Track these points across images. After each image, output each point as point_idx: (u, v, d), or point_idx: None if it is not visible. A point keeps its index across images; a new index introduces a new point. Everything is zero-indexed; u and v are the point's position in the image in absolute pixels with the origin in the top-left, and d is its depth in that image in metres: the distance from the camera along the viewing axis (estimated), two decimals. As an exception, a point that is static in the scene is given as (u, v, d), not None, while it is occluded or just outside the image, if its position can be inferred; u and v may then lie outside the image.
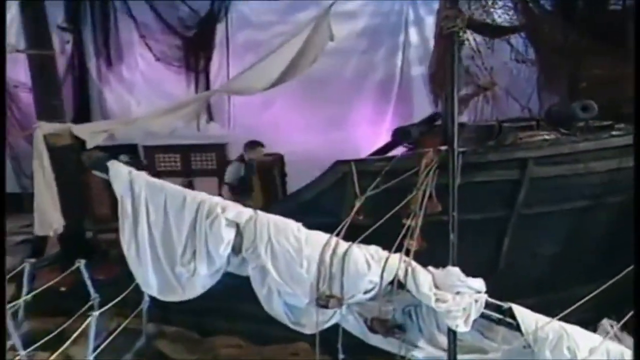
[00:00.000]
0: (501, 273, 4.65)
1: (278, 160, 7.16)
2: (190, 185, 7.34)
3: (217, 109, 8.43)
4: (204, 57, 8.43)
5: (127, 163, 3.97)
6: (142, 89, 8.63)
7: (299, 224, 3.62)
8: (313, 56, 5.10)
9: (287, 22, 7.75)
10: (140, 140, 7.54)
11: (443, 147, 3.98)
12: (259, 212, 3.66)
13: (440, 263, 3.54)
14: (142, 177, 3.78)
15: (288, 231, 3.57)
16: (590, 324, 4.06)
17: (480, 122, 5.37)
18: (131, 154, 7.30)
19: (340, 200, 4.27)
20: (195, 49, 8.41)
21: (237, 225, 3.59)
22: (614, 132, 4.75)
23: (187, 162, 7.84)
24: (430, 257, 3.58)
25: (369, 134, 8.31)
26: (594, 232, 4.86)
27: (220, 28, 8.43)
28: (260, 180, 6.64)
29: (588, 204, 4.75)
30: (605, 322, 4.20)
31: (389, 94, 8.82)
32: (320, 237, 3.60)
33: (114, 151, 4.56)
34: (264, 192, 6.64)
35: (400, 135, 5.70)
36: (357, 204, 3.97)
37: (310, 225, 3.63)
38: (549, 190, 4.57)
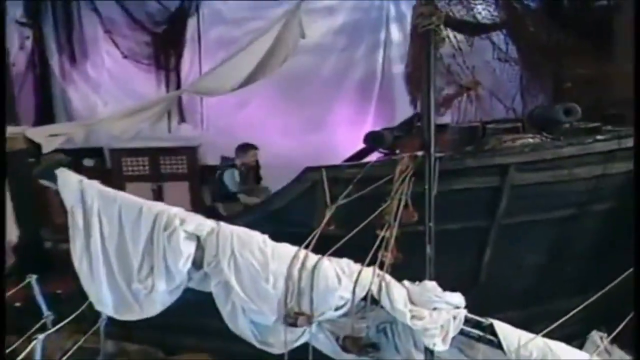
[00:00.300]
0: (482, 286, 4.52)
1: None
2: (159, 191, 7.11)
3: (189, 109, 8.20)
4: (175, 55, 8.16)
5: (91, 168, 3.73)
6: (109, 88, 8.31)
7: (265, 236, 3.47)
8: (284, 54, 4.88)
9: (262, 18, 7.48)
10: (106, 143, 7.22)
11: (419, 153, 3.87)
12: (222, 224, 3.51)
13: (417, 276, 3.43)
14: (94, 187, 3.59)
15: (253, 244, 3.41)
16: (578, 338, 3.93)
17: (463, 123, 5.19)
18: (96, 157, 7.03)
19: (311, 210, 4.11)
20: (165, 46, 8.13)
21: (198, 238, 3.42)
22: (599, 136, 4.62)
23: (156, 166, 7.52)
24: (406, 270, 3.46)
25: (349, 135, 8.11)
26: (580, 242, 4.76)
27: (191, 24, 8.17)
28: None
29: (573, 212, 4.64)
30: (595, 335, 4.06)
31: (369, 94, 8.66)
32: (287, 249, 3.45)
33: (78, 155, 4.33)
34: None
35: (372, 140, 5.45)
36: (328, 214, 3.84)
37: (280, 236, 3.48)
38: (532, 197, 4.44)
